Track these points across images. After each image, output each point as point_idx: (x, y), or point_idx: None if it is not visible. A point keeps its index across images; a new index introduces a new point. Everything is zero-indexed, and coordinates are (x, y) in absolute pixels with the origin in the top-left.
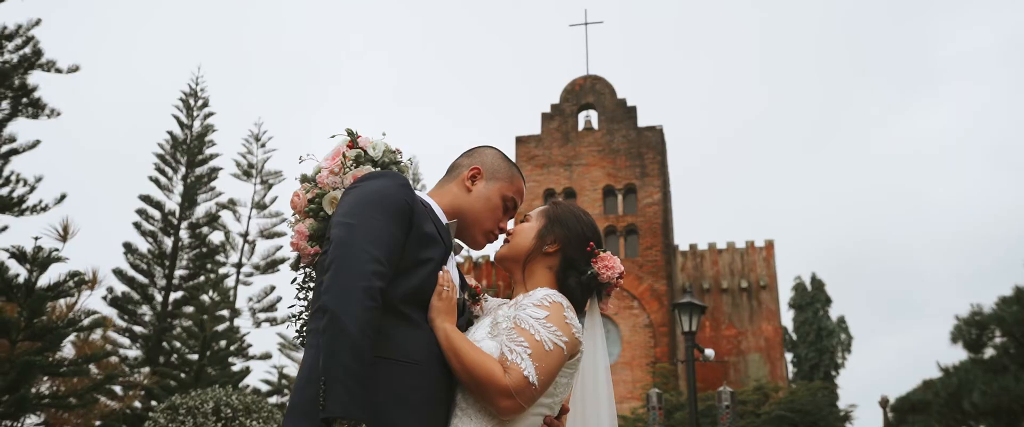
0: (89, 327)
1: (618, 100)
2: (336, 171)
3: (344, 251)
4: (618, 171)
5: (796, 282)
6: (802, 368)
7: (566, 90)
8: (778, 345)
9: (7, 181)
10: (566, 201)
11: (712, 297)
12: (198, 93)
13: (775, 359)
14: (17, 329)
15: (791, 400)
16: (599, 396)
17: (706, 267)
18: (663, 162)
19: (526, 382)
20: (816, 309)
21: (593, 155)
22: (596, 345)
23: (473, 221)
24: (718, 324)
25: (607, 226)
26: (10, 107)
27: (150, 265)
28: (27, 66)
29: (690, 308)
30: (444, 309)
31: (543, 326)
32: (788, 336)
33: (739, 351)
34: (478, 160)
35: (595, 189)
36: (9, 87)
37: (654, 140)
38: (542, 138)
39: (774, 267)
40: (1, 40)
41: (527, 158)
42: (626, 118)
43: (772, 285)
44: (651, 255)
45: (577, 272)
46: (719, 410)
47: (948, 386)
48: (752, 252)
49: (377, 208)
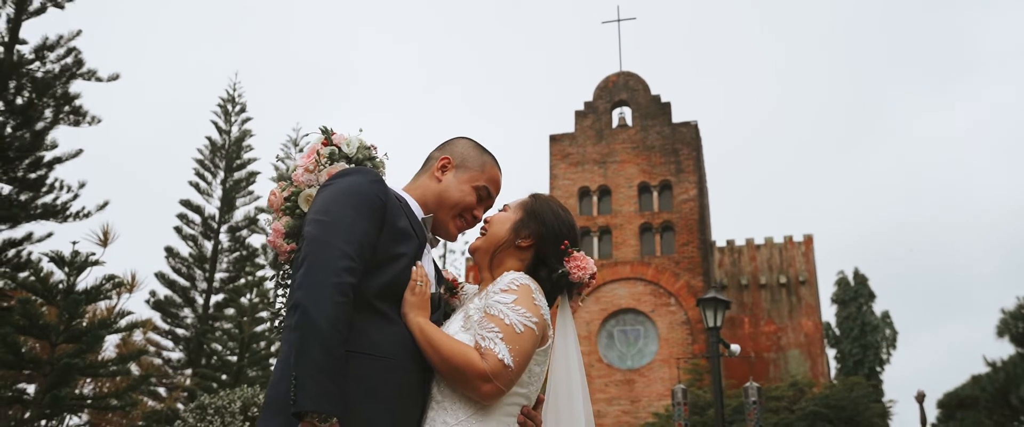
0: (126, 329)
1: (652, 96)
2: (311, 169)
3: (315, 248)
4: (653, 168)
5: (839, 277)
6: (846, 364)
7: (599, 87)
8: (818, 341)
9: (51, 188)
10: (546, 195)
11: (750, 293)
12: (236, 99)
13: (815, 355)
14: (56, 332)
15: (826, 396)
16: (573, 395)
17: (744, 263)
18: (698, 158)
19: (502, 365)
20: (859, 304)
21: (627, 152)
22: (568, 344)
23: (442, 211)
24: (757, 320)
25: (643, 223)
26: (52, 115)
27: (191, 268)
28: (69, 76)
29: (715, 303)
30: (417, 304)
31: (512, 309)
32: (831, 332)
33: (779, 347)
34: (448, 151)
35: (630, 186)
36: (52, 96)
37: (689, 136)
38: (576, 136)
39: (813, 262)
40: (44, 51)
41: (561, 156)
42: (660, 114)
43: (812, 280)
44: (687, 251)
45: (548, 269)
46: (747, 406)
47: (995, 381)
48: (791, 247)
49: (349, 204)
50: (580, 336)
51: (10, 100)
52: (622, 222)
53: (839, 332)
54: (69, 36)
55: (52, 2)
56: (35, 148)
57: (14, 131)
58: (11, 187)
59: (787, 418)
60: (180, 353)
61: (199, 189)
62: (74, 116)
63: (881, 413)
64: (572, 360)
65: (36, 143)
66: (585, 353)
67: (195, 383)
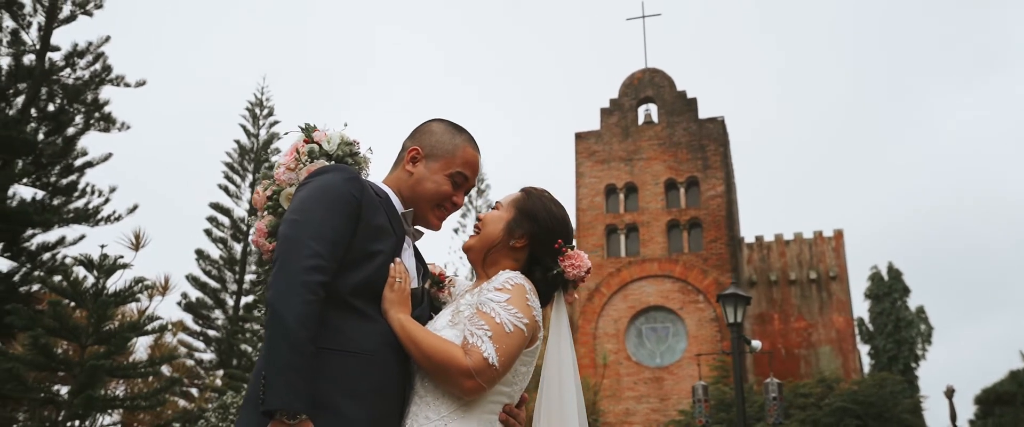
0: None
1: (678, 93)
2: (292, 167)
3: (287, 247)
4: (680, 164)
5: (872, 272)
6: (880, 360)
7: (625, 84)
8: (850, 337)
9: (82, 193)
10: (540, 190)
11: (780, 289)
12: (264, 102)
13: (847, 351)
14: (86, 334)
15: (854, 392)
16: (565, 393)
17: (773, 259)
18: (726, 154)
19: (486, 363)
20: (893, 299)
21: (654, 149)
22: (562, 343)
23: (418, 204)
24: (787, 317)
25: (670, 220)
26: (83, 121)
27: (221, 270)
28: (98, 82)
29: (735, 299)
30: (396, 300)
31: (504, 308)
32: (864, 328)
33: (809, 344)
34: (418, 140)
35: (657, 183)
36: (82, 103)
37: (716, 132)
38: (601, 133)
39: (844, 257)
40: (74, 58)
41: (587, 154)
42: (686, 110)
43: (842, 276)
44: (715, 248)
45: (543, 268)
46: (767, 402)
47: None
48: (821, 242)
49: (322, 202)
50: (608, 334)
51: (42, 107)
52: (649, 219)
53: (873, 328)
54: (98, 42)
55: (82, 10)
56: (66, 154)
57: (46, 137)
58: (44, 192)
59: (814, 414)
60: (211, 354)
61: (228, 192)
62: (104, 122)
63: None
64: (565, 358)
65: (67, 149)
66: (614, 351)
67: (226, 383)
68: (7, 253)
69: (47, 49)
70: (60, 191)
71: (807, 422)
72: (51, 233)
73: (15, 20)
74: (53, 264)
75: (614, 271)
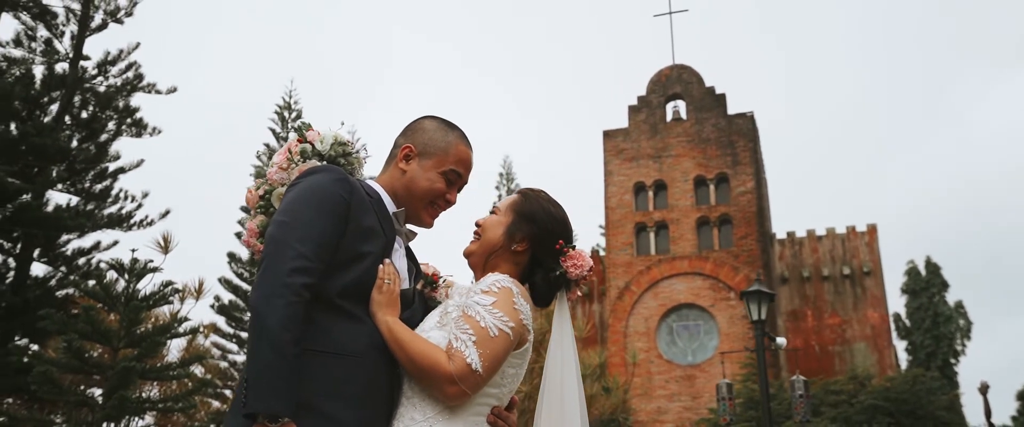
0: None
1: (706, 88)
2: (284, 167)
3: (272, 249)
4: (709, 161)
5: (908, 266)
6: (918, 356)
7: (652, 81)
8: (885, 333)
9: (116, 198)
10: (537, 191)
11: (813, 286)
12: (292, 105)
13: (882, 347)
14: (118, 337)
15: (887, 389)
16: (567, 393)
17: (805, 255)
18: (755, 149)
19: (469, 369)
20: (931, 294)
21: (682, 146)
22: (564, 340)
23: (411, 202)
24: (821, 313)
25: (700, 217)
26: (115, 128)
27: (253, 273)
28: (130, 89)
29: (759, 296)
30: (385, 302)
31: (488, 312)
32: (901, 323)
33: (844, 340)
34: (410, 137)
35: (686, 180)
36: (115, 110)
37: (745, 127)
38: (630, 131)
39: (878, 252)
40: (106, 65)
41: (615, 152)
42: (715, 106)
43: (876, 271)
44: (746, 245)
45: (545, 270)
46: (793, 399)
47: None
48: (854, 237)
49: (309, 204)
50: (639, 332)
51: (75, 114)
52: (678, 216)
53: (910, 323)
54: (128, 50)
55: (112, 18)
56: (100, 160)
57: (79, 143)
58: (78, 198)
59: (846, 411)
60: (243, 356)
61: None
62: (136, 128)
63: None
64: (567, 359)
65: (100, 155)
66: (645, 349)
67: None
68: (43, 258)
69: (80, 58)
70: (94, 197)
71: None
72: (86, 238)
73: (49, 30)
74: (88, 269)
75: (644, 269)
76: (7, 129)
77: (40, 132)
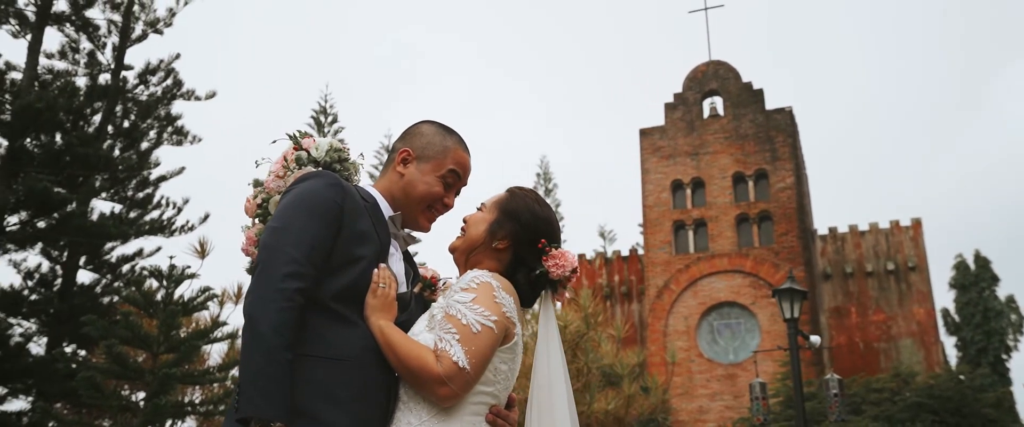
0: (224, 338)
1: (743, 84)
2: (280, 174)
3: (266, 255)
4: (747, 157)
5: (957, 261)
6: (968, 352)
7: (688, 78)
8: (932, 329)
9: (158, 205)
10: (525, 189)
11: (856, 282)
12: (327, 110)
13: (930, 344)
14: (157, 343)
15: (931, 386)
16: (555, 394)
17: (848, 250)
18: (795, 144)
19: (457, 368)
20: (981, 289)
21: (720, 142)
22: (550, 341)
23: (409, 206)
24: (865, 309)
25: (739, 214)
26: (156, 136)
27: None
28: (170, 97)
29: (791, 294)
30: (379, 306)
31: (469, 309)
32: (950, 319)
33: (889, 337)
34: (409, 142)
35: (724, 177)
36: (156, 118)
37: (784, 122)
38: (666, 129)
39: (923, 246)
40: (146, 75)
41: (652, 150)
42: (753, 102)
43: (922, 266)
44: (787, 241)
45: (527, 269)
46: (827, 398)
47: None
48: (898, 232)
49: (302, 209)
50: (679, 331)
51: (118, 123)
52: (717, 214)
53: (959, 319)
54: (169, 59)
55: (152, 29)
56: (141, 168)
57: (122, 152)
58: (121, 205)
59: (888, 410)
60: None
61: None
62: (177, 136)
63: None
64: (554, 359)
65: (142, 163)
66: (685, 348)
67: None
68: (89, 266)
69: (121, 68)
70: (136, 204)
71: (880, 418)
72: (129, 245)
73: (91, 41)
74: (132, 275)
75: (683, 268)
76: (52, 140)
77: (83, 142)
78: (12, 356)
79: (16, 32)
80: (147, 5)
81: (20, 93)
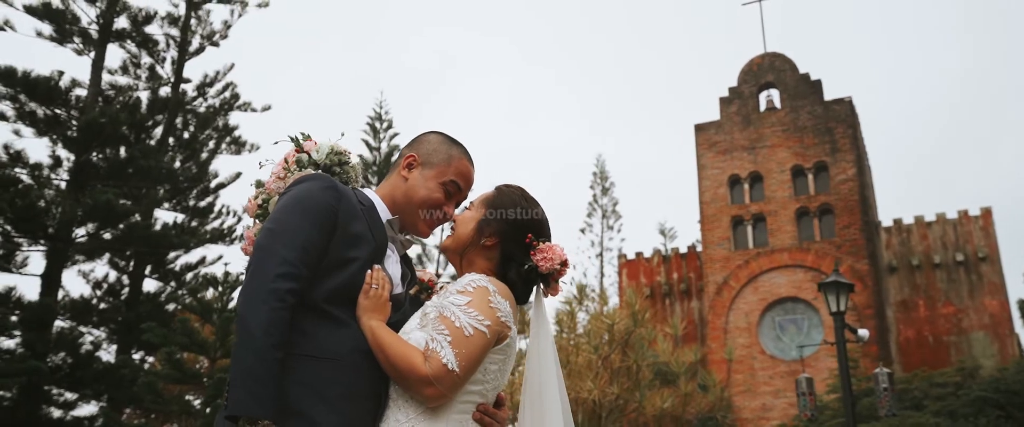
0: None
1: (800, 75)
2: (281, 176)
3: (260, 256)
4: (806, 149)
5: None
6: None
7: (744, 71)
8: (1006, 321)
9: (218, 214)
10: (513, 186)
11: (923, 274)
12: (383, 116)
13: (1004, 336)
14: (214, 348)
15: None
16: (547, 390)
17: (914, 242)
18: (855, 135)
19: (445, 369)
20: None
21: (777, 135)
22: (541, 337)
23: (409, 210)
24: (933, 302)
25: (799, 207)
26: (214, 146)
27: None
28: (227, 108)
29: (837, 287)
30: (371, 307)
31: (463, 312)
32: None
33: (960, 330)
34: (415, 148)
35: (782, 170)
36: (214, 128)
37: (843, 113)
38: (722, 123)
39: (994, 236)
40: (204, 87)
41: (707, 145)
42: (811, 93)
43: (993, 256)
44: (849, 234)
45: (517, 264)
46: (878, 393)
47: None
48: (966, 222)
49: (296, 211)
50: (739, 328)
51: (178, 135)
52: (776, 208)
53: None
54: (224, 71)
55: (209, 42)
56: (201, 178)
57: (182, 163)
58: (183, 215)
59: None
60: None
61: None
62: (235, 146)
63: None
64: (546, 356)
65: (202, 173)
66: (747, 345)
67: None
68: (155, 274)
69: (180, 81)
70: (197, 213)
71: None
72: (192, 254)
73: (151, 57)
74: (195, 283)
75: (742, 263)
76: (116, 153)
77: (146, 155)
78: (83, 364)
79: (80, 50)
80: (203, 19)
81: (85, 109)
